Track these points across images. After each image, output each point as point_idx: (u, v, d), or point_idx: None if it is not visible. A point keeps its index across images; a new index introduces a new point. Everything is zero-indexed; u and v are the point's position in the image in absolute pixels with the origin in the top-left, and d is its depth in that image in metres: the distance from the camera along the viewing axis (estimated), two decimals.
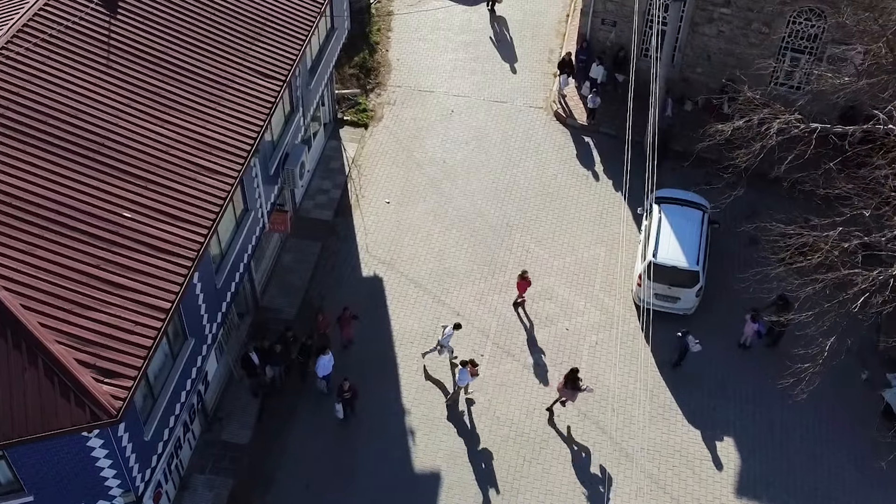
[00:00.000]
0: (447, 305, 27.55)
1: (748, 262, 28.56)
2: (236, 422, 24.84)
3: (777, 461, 24.48)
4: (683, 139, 30.90)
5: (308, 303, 27.50)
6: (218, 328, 22.74)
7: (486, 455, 24.38)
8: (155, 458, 20.00)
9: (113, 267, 18.79)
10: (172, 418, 20.63)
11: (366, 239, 29.24)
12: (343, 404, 24.28)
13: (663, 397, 25.66)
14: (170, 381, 20.19)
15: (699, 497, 23.73)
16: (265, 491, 23.71)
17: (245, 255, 23.93)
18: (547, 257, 28.86)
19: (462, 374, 24.69)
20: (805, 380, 22.08)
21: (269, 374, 25.27)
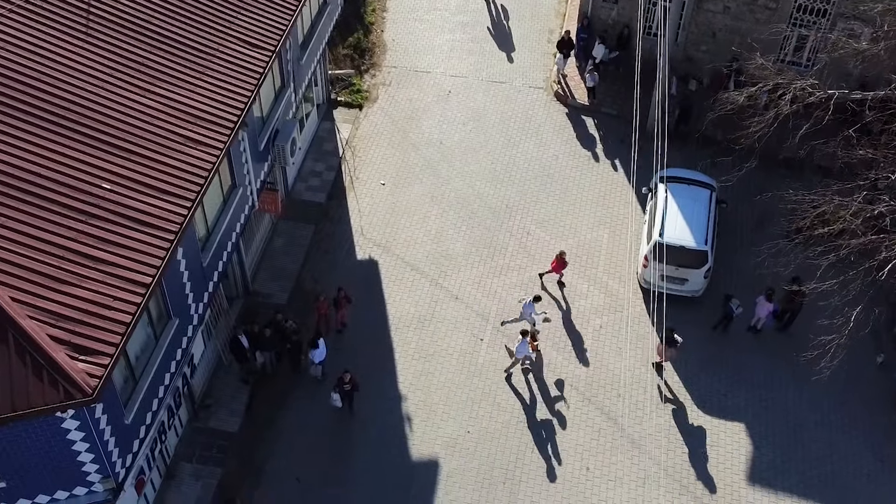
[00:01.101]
0: (445, 289, 26.49)
1: (757, 243, 27.58)
2: (225, 409, 23.77)
3: (791, 448, 23.43)
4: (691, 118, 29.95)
5: (300, 287, 26.43)
6: (204, 309, 21.67)
7: (486, 442, 23.33)
8: (137, 444, 18.92)
9: (90, 240, 17.72)
10: (156, 402, 19.55)
11: (360, 221, 28.18)
12: (342, 396, 23.15)
13: (671, 382, 24.60)
14: (152, 362, 19.11)
15: (709, 484, 22.66)
16: (255, 481, 22.63)
17: (233, 233, 22.87)
18: (548, 239, 27.80)
19: (521, 346, 23.77)
20: (829, 352, 20.98)
21: (259, 361, 24.21)
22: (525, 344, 23.75)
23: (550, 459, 23.03)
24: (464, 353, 25.11)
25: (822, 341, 21.49)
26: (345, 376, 22.87)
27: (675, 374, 24.64)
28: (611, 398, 24.27)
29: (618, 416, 23.91)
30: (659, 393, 24.11)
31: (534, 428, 23.60)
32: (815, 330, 22.32)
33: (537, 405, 24.04)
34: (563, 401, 24.15)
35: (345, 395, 23.14)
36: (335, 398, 23.07)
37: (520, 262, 27.21)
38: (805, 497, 22.49)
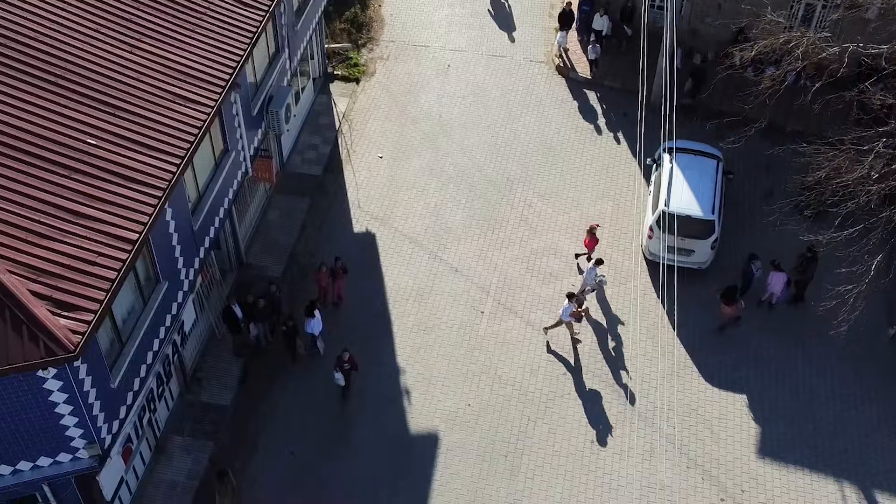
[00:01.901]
0: (444, 262, 25.75)
1: (765, 215, 26.91)
2: (218, 383, 23.01)
3: (802, 422, 22.68)
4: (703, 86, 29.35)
5: (296, 261, 25.69)
6: (195, 275, 20.93)
7: (487, 415, 22.58)
8: (124, 410, 18.17)
9: (75, 195, 17.01)
10: (144, 367, 18.81)
11: (357, 194, 27.45)
12: (343, 374, 22.36)
13: (678, 355, 23.86)
14: (140, 325, 18.37)
15: (718, 458, 21.92)
16: (248, 456, 21.87)
17: (225, 199, 22.14)
18: (551, 212, 27.07)
19: (566, 309, 23.14)
20: (849, 301, 20.24)
21: (253, 333, 23.45)
22: (570, 307, 23.10)
23: (554, 433, 22.29)
24: (464, 325, 24.36)
25: (842, 291, 20.70)
26: (343, 355, 22.08)
27: (682, 348, 23.89)
28: (615, 371, 23.51)
29: (622, 388, 23.16)
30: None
31: (536, 401, 22.85)
32: (833, 280, 21.58)
33: (540, 378, 23.30)
34: (566, 374, 23.39)
35: (344, 374, 22.35)
36: (338, 377, 22.28)
37: (521, 234, 26.47)
38: (816, 470, 21.74)
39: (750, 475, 21.63)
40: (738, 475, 21.65)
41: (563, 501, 21.13)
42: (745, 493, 21.35)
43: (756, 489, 21.40)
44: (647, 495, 21.26)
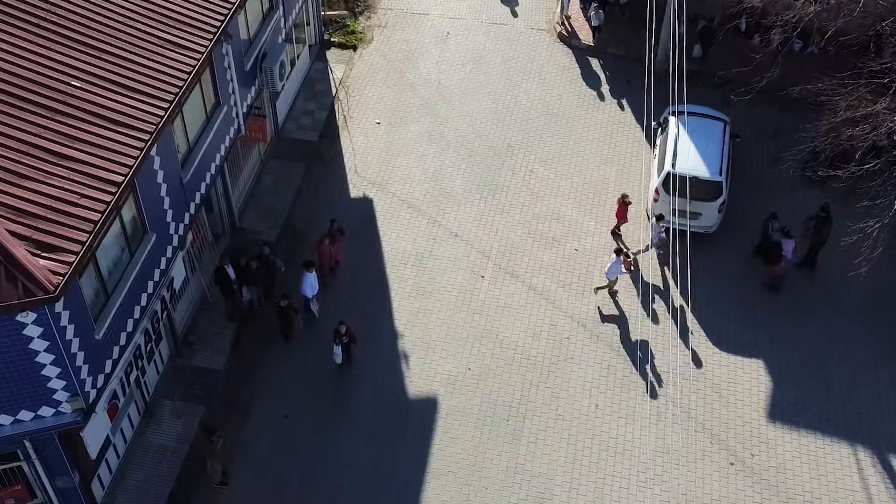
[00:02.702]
0: (444, 227, 25.02)
1: (773, 182, 26.22)
2: (209, 347, 22.26)
3: (814, 386, 21.94)
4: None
5: (291, 225, 24.96)
6: (185, 231, 20.21)
7: (488, 380, 21.84)
8: (110, 364, 17.43)
9: (58, 137, 16.31)
10: (130, 322, 18.07)
11: (354, 160, 26.72)
12: (342, 347, 21.56)
13: (683, 319, 23.12)
14: (126, 277, 17.65)
15: (727, 422, 21.18)
16: (240, 420, 21.13)
17: (217, 155, 21.43)
18: (553, 178, 26.35)
19: (614, 266, 22.59)
20: (871, 236, 19.51)
21: (246, 297, 22.71)
22: (618, 264, 22.54)
23: (557, 397, 21.55)
24: (464, 290, 23.63)
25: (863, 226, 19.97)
26: (340, 328, 21.24)
27: (689, 312, 23.16)
28: (620, 335, 22.78)
29: (628, 353, 22.43)
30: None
31: (539, 365, 22.12)
32: (854, 217, 20.86)
33: (542, 342, 22.56)
34: (569, 338, 22.66)
35: (342, 347, 21.54)
36: (337, 352, 21.44)
37: (523, 200, 25.75)
38: (829, 435, 21.01)
39: (760, 439, 20.90)
40: (748, 439, 20.91)
41: (566, 465, 20.39)
42: (756, 457, 20.61)
43: (767, 453, 20.66)
44: (654, 459, 20.53)
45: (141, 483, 19.79)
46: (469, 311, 23.19)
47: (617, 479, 20.20)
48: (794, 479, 20.26)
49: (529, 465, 20.39)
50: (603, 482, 20.15)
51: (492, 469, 20.32)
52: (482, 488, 20.02)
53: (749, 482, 20.20)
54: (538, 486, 20.06)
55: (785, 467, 20.45)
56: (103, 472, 19.29)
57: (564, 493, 19.96)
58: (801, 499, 19.96)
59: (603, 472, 20.29)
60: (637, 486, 20.10)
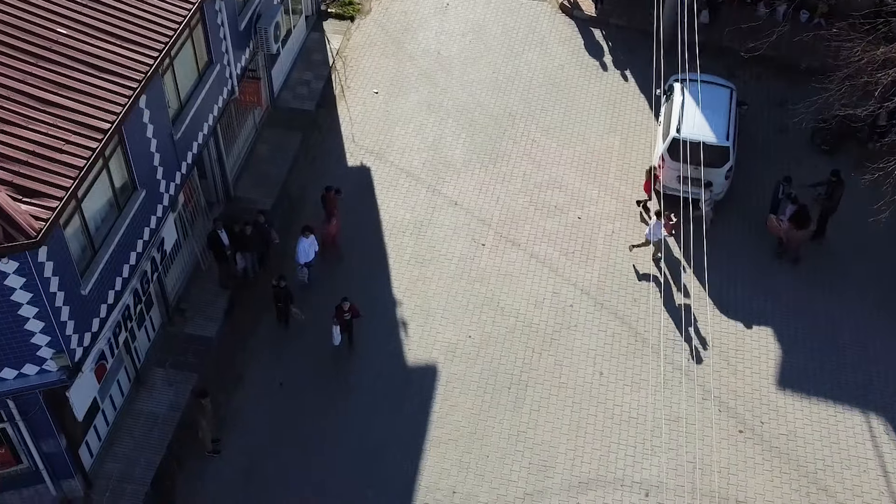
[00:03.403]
0: (443, 195, 24.40)
1: (780, 151, 25.62)
2: (202, 315, 21.62)
3: (824, 354, 21.30)
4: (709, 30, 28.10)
5: (287, 194, 24.33)
6: (177, 191, 19.58)
7: (489, 348, 21.21)
8: (97, 323, 16.79)
9: (43, 83, 15.70)
10: (119, 280, 17.43)
11: (352, 129, 26.10)
12: (342, 329, 20.60)
13: (690, 287, 22.49)
14: (114, 233, 17.02)
15: (735, 389, 20.55)
16: (234, 388, 20.50)
17: (210, 115, 20.81)
18: (555, 147, 25.73)
19: (655, 228, 22.05)
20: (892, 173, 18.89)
21: (240, 265, 22.08)
22: (659, 226, 21.94)
23: (560, 365, 20.92)
24: (464, 258, 23.00)
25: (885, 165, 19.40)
26: (343, 305, 20.28)
27: (696, 279, 22.51)
28: (625, 303, 22.16)
29: (633, 320, 21.80)
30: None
31: (541, 333, 21.49)
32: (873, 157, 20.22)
33: (545, 310, 21.93)
34: (573, 306, 22.03)
35: (344, 326, 20.63)
36: (335, 333, 20.52)
37: (524, 168, 25.13)
38: (840, 403, 20.38)
39: (770, 407, 20.27)
40: (758, 407, 20.28)
41: (570, 433, 19.76)
42: (765, 424, 19.98)
43: (777, 421, 20.03)
44: (661, 426, 19.89)
45: (130, 450, 19.16)
46: (469, 279, 22.56)
47: (623, 447, 19.57)
48: (806, 447, 19.63)
49: (532, 433, 19.76)
50: (608, 450, 19.52)
51: (493, 437, 19.69)
52: (483, 456, 19.39)
53: (759, 450, 19.57)
54: (541, 454, 19.43)
55: (796, 435, 19.82)
56: (92, 438, 18.66)
57: (568, 460, 19.34)
58: (813, 466, 19.33)
59: (608, 440, 19.67)
60: (643, 453, 19.47)
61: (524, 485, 18.96)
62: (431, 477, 19.07)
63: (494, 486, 18.94)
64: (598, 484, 19.01)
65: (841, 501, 18.81)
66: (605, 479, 19.08)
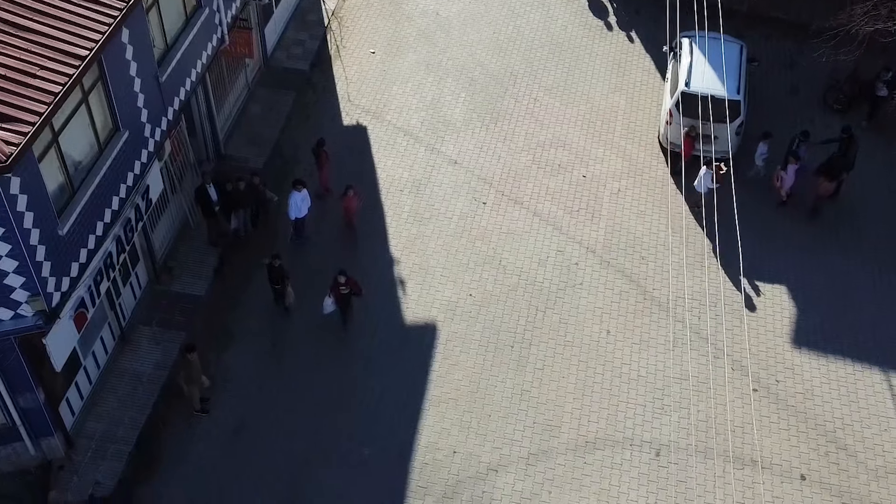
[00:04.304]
0: (442, 154, 23.48)
1: (792, 111, 24.73)
2: (191, 273, 20.70)
3: (840, 313, 20.40)
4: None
5: (279, 152, 23.41)
6: (163, 137, 18.64)
7: (490, 306, 20.29)
8: (76, 268, 15.85)
9: (18, 9, 14.74)
10: (100, 225, 16.49)
11: (347, 89, 25.18)
12: (337, 302, 19.26)
13: (700, 245, 21.59)
14: (94, 173, 16.08)
15: (749, 348, 19.62)
16: (223, 347, 19.57)
17: (198, 62, 19.88)
18: (558, 106, 24.82)
19: (705, 178, 21.05)
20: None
21: (233, 226, 21.14)
22: (708, 175, 20.99)
23: (565, 323, 20.00)
24: (464, 216, 22.09)
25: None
26: (339, 278, 18.94)
27: (706, 238, 21.60)
28: (633, 261, 21.25)
29: (641, 278, 20.89)
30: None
31: (545, 291, 20.57)
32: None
33: (548, 269, 21.02)
34: (578, 264, 21.12)
35: (341, 300, 19.31)
36: (327, 303, 19.21)
37: (527, 127, 24.22)
38: (859, 361, 19.47)
39: (785, 365, 19.35)
40: (772, 365, 19.36)
41: (577, 392, 18.83)
42: (781, 383, 19.07)
43: (792, 380, 19.11)
44: (672, 386, 18.97)
45: (114, 410, 18.22)
46: (470, 237, 21.65)
47: (631, 406, 18.65)
48: (824, 406, 18.72)
49: (536, 392, 18.83)
50: (616, 409, 18.59)
51: (496, 396, 18.76)
52: (485, 415, 18.46)
53: (774, 408, 18.66)
54: (546, 414, 18.50)
55: (813, 393, 18.90)
56: (73, 396, 17.72)
57: (575, 419, 18.41)
58: (832, 425, 18.41)
59: (616, 399, 18.74)
60: (653, 412, 18.55)
61: (528, 444, 18.04)
62: (431, 437, 18.14)
63: (497, 447, 18.01)
64: (605, 443, 18.09)
65: (862, 460, 17.89)
66: (614, 438, 18.16)
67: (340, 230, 21.57)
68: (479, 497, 17.30)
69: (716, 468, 17.72)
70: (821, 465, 17.84)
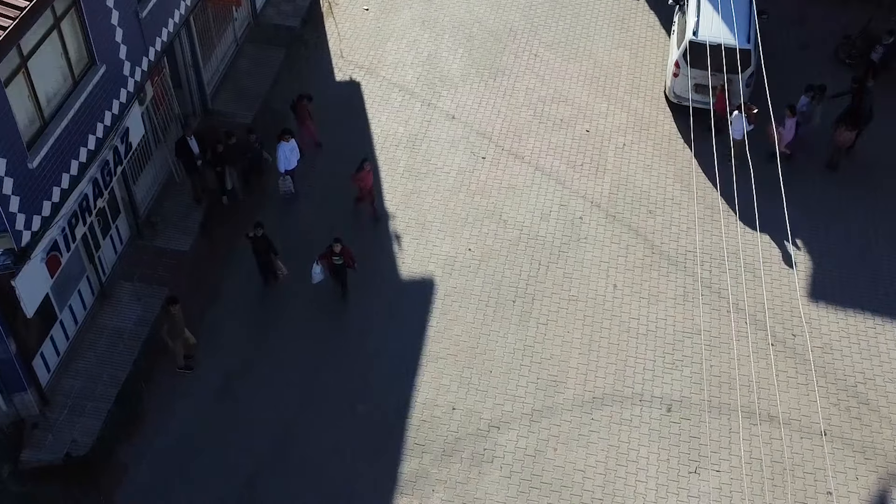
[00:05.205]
0: (439, 109, 22.48)
1: (802, 66, 23.76)
2: (175, 228, 19.68)
3: (858, 266, 19.42)
4: None
5: (269, 108, 22.40)
6: (143, 78, 17.63)
7: (491, 260, 19.29)
8: (48, 207, 14.82)
9: None
10: (75, 164, 15.48)
11: (340, 45, 24.18)
12: (330, 272, 18.07)
13: (710, 199, 20.60)
14: (68, 107, 15.06)
15: (763, 301, 18.62)
16: (208, 303, 18.54)
17: (181, 2, 18.84)
18: (559, 62, 23.83)
19: (737, 122, 20.13)
20: None
21: (228, 186, 20.06)
22: (739, 119, 20.03)
23: (570, 278, 18.99)
24: (463, 171, 21.09)
25: None
26: (335, 246, 17.68)
27: (714, 190, 20.63)
28: (640, 215, 20.26)
29: (648, 233, 19.89)
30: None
31: (548, 246, 19.57)
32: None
33: (551, 223, 20.02)
34: (582, 218, 20.12)
35: (334, 271, 18.12)
36: (317, 271, 17.93)
37: (527, 83, 23.23)
38: (879, 314, 18.49)
39: (802, 319, 18.29)
40: (788, 319, 18.37)
41: (582, 347, 17.82)
42: (798, 337, 18.07)
43: (810, 333, 18.11)
44: (682, 340, 17.97)
45: (93, 366, 17.17)
46: (469, 191, 20.65)
47: (640, 361, 17.64)
48: (843, 360, 17.72)
49: (540, 348, 17.82)
50: (625, 364, 17.58)
51: (497, 351, 17.75)
52: (486, 371, 17.44)
53: (791, 363, 17.65)
54: (550, 369, 17.48)
55: (832, 348, 17.91)
56: (48, 352, 16.67)
57: (581, 375, 17.40)
58: (853, 379, 17.42)
59: (624, 354, 17.73)
60: (664, 367, 17.54)
61: (532, 401, 17.02)
62: (429, 393, 17.12)
63: (498, 403, 16.99)
64: (613, 399, 17.07)
65: (885, 415, 16.89)
66: (622, 394, 17.14)
67: (332, 187, 20.54)
68: (480, 454, 16.28)
69: (731, 424, 16.71)
70: (842, 420, 16.84)
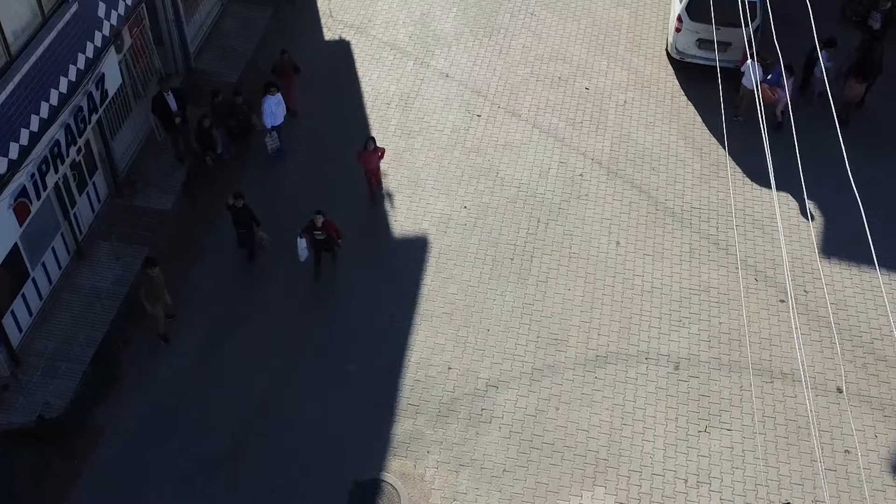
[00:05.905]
0: (433, 68, 21.62)
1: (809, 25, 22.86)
2: (156, 187, 18.76)
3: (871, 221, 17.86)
4: None
5: (255, 67, 21.49)
6: (119, 22, 16.74)
7: (487, 218, 18.42)
8: (16, 149, 13.90)
9: None
10: (45, 107, 14.56)
11: (329, 4, 23.31)
12: (314, 247, 16.95)
13: (715, 156, 19.76)
14: (37, 43, 14.15)
15: (773, 258, 17.80)
16: (191, 262, 17.63)
17: None
18: (557, 20, 22.98)
19: (751, 71, 19.26)
20: None
21: (219, 150, 19.10)
22: (754, 67, 19.18)
23: (570, 235, 18.13)
24: (457, 129, 20.22)
25: None
26: (316, 220, 16.52)
27: (720, 147, 19.79)
28: (643, 172, 19.40)
29: (652, 189, 19.04)
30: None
31: (547, 203, 18.71)
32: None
33: (550, 180, 19.16)
34: (582, 175, 19.26)
35: (318, 246, 16.98)
36: (302, 246, 16.89)
37: (524, 41, 22.38)
38: (893, 269, 17.65)
39: (814, 275, 17.51)
40: (800, 275, 17.53)
41: (584, 305, 16.95)
42: (810, 293, 17.23)
43: (823, 290, 17.27)
44: (690, 297, 17.11)
45: (68, 326, 16.24)
46: (464, 149, 19.77)
47: (646, 319, 16.77)
48: (858, 316, 16.89)
49: (540, 306, 16.94)
50: (629, 321, 16.71)
51: (495, 310, 16.87)
52: (483, 330, 16.55)
53: (804, 319, 16.80)
54: (551, 328, 16.61)
55: (846, 304, 17.07)
56: (20, 310, 15.75)
57: (583, 333, 16.52)
58: (868, 336, 16.58)
59: (629, 311, 16.86)
60: (670, 325, 16.67)
61: (532, 360, 16.14)
62: (423, 353, 16.23)
63: (497, 362, 16.11)
64: (618, 357, 16.20)
65: None
66: (627, 352, 16.27)
67: (321, 146, 19.65)
68: (477, 414, 15.39)
69: (742, 382, 15.85)
70: (858, 377, 16.00)
